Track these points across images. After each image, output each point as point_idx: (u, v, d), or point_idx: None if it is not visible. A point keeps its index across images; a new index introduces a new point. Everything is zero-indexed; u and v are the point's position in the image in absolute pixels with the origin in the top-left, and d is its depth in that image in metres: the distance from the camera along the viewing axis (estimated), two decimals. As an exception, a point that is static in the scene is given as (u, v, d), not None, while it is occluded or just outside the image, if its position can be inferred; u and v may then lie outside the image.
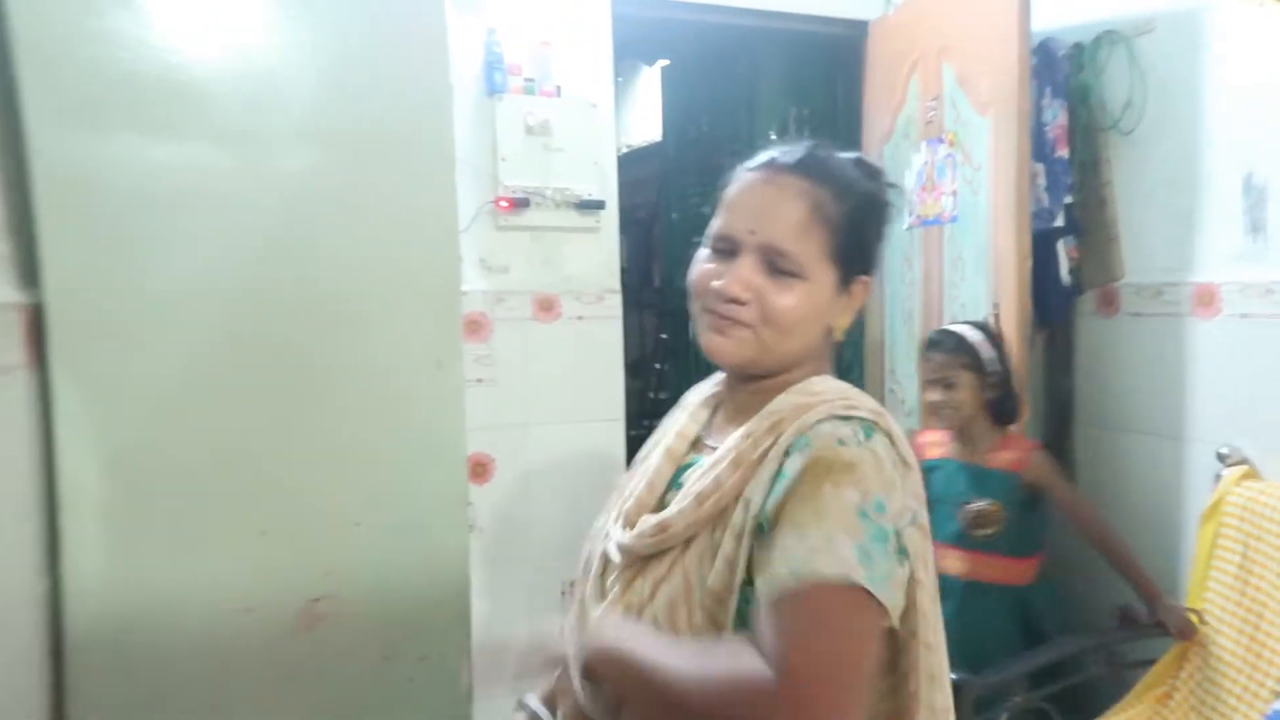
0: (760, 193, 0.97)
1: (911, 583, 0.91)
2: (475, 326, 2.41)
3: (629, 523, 1.00)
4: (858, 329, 3.10)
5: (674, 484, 1.02)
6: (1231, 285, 2.04)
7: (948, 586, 1.83)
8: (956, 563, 2.09)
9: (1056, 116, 2.36)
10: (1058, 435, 2.57)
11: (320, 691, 1.54)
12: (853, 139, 3.08)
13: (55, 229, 1.36)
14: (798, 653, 0.78)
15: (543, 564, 2.55)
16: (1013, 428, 2.16)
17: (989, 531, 2.08)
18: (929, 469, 2.12)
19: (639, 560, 0.97)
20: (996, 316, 2.35)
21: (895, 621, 0.87)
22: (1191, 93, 2.13)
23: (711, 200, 1.03)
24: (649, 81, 4.63)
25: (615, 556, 0.99)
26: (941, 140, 2.63)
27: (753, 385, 1.01)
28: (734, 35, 2.94)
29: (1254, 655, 1.82)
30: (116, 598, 1.40)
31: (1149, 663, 2.03)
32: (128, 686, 1.41)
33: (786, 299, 0.95)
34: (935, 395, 2.12)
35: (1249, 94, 1.99)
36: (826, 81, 3.13)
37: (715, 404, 1.09)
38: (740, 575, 0.87)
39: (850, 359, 3.16)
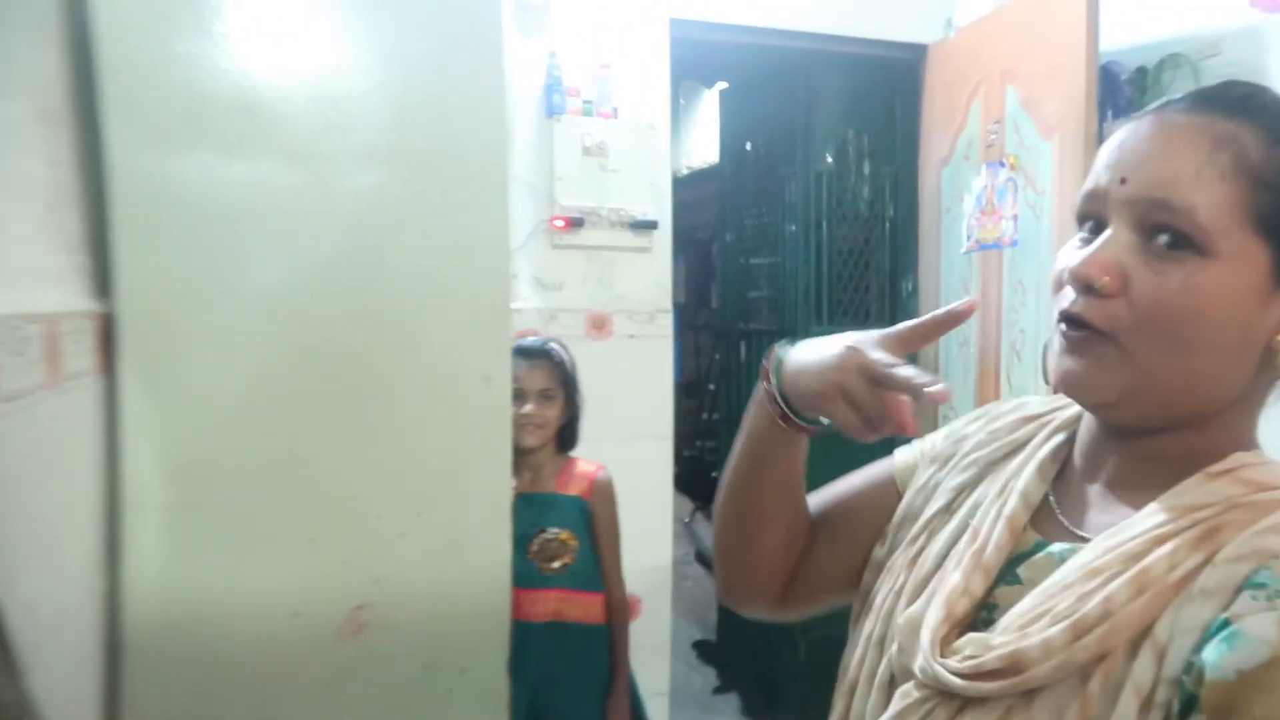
0: (1145, 136, 0.64)
1: None
2: (529, 344, 2.45)
3: (952, 628, 0.68)
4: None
5: (1006, 576, 0.69)
6: None
7: (526, 631, 1.78)
8: (533, 604, 1.89)
9: (1120, 141, 2.32)
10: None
11: (362, 698, 1.56)
12: (910, 162, 3.06)
13: (130, 242, 1.41)
14: None
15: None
16: (573, 453, 2.06)
17: (561, 563, 1.93)
18: None
19: (956, 698, 0.64)
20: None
21: None
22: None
23: (765, 222, 0.92)
24: (710, 104, 4.65)
25: (917, 673, 0.67)
26: (1003, 164, 2.60)
27: (1140, 448, 0.67)
28: (792, 58, 2.95)
29: None
30: (173, 600, 1.44)
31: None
32: (179, 688, 1.45)
33: (1173, 282, 0.60)
34: (532, 408, 1.92)
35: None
36: (884, 104, 3.12)
37: (1067, 454, 0.74)
38: None
39: (905, 383, 3.12)
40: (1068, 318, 0.65)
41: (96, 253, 1.43)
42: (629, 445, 2.56)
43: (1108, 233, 0.64)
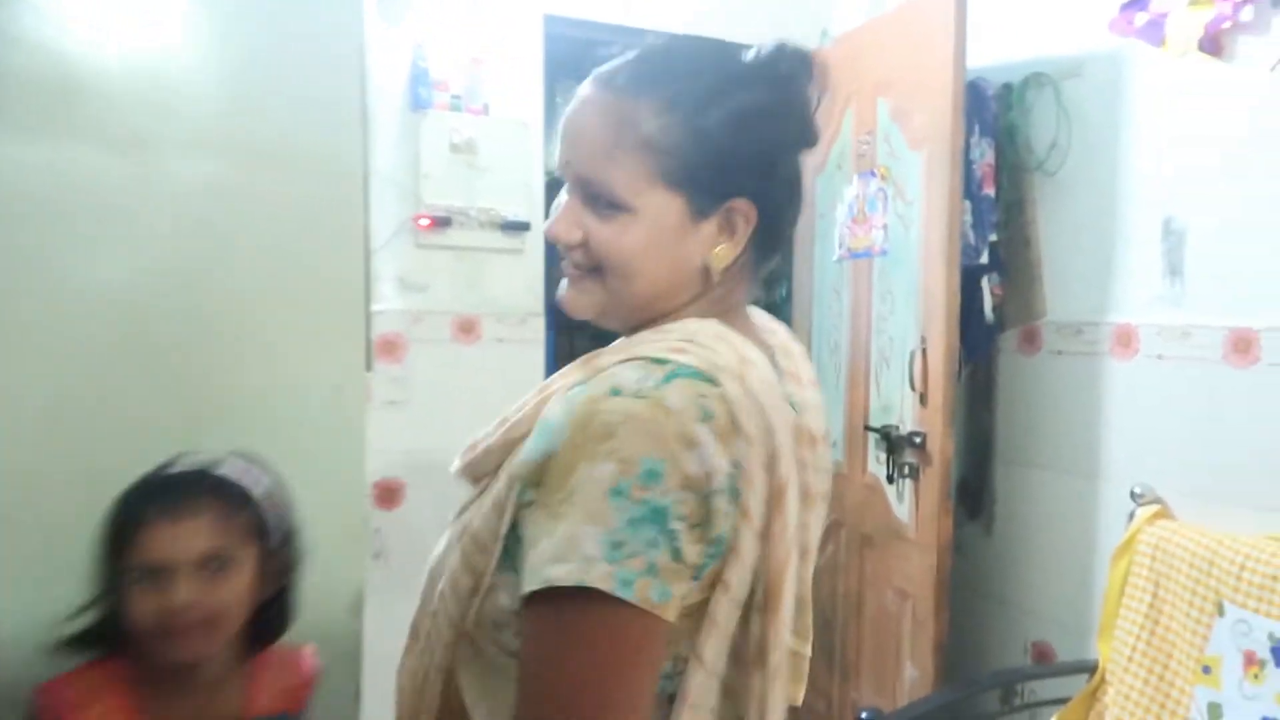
0: (573, 114, 0.84)
1: (716, 582, 0.75)
2: (390, 347, 2.33)
3: None
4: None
5: None
6: (1149, 327, 2.05)
7: None
8: None
9: (984, 155, 2.37)
10: (978, 471, 2.58)
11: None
12: (786, 169, 3.07)
13: None
14: (532, 681, 0.71)
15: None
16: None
17: None
18: None
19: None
20: (924, 351, 2.35)
21: (672, 617, 0.71)
22: (1114, 137, 2.15)
23: None
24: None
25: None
26: (874, 174, 2.63)
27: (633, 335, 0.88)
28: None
29: (1162, 695, 1.82)
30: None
31: (1061, 701, 2.03)
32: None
33: (606, 234, 0.81)
34: (187, 593, 1.13)
35: (1169, 141, 2.02)
36: (761, 111, 3.12)
37: None
38: (506, 524, 0.76)
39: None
40: (566, 261, 0.86)
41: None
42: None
43: (564, 199, 0.85)
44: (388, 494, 2.34)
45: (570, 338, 6.51)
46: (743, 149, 0.81)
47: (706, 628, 0.76)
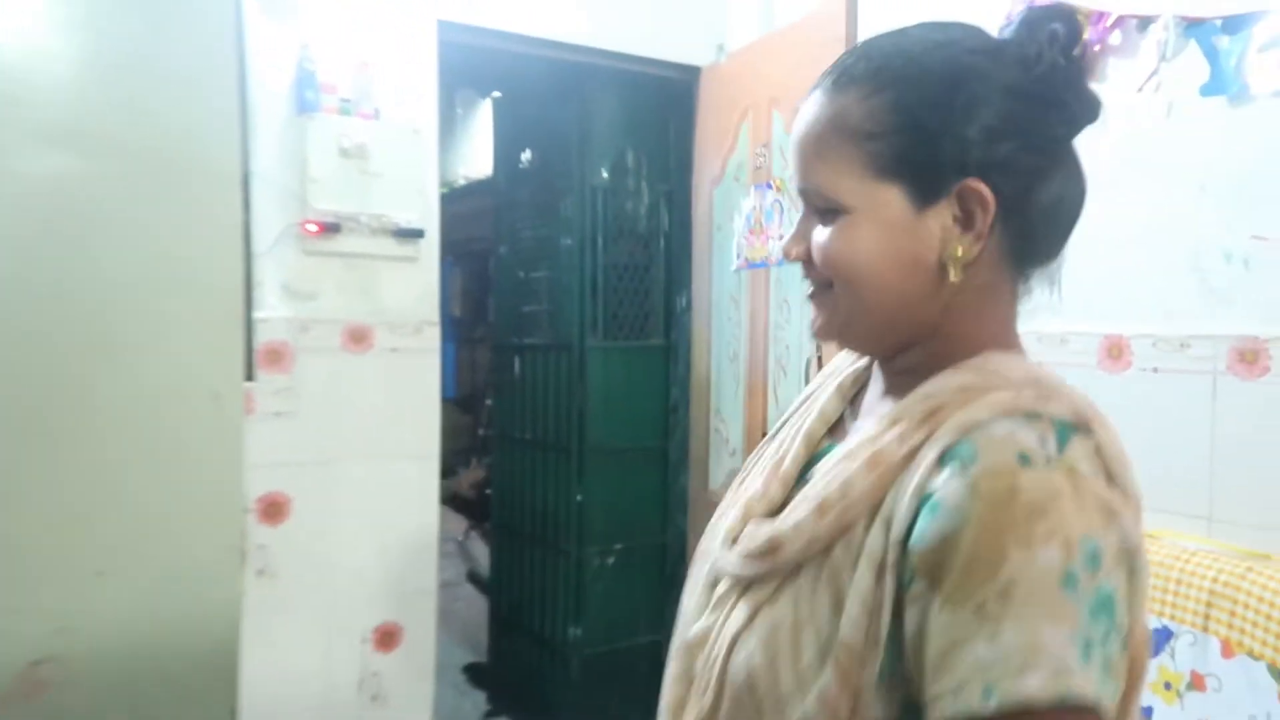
0: (795, 129, 0.77)
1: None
2: (275, 356, 2.25)
3: (747, 520, 0.79)
4: (684, 366, 3.10)
5: (804, 478, 0.78)
6: (1030, 334, 2.12)
7: None
8: None
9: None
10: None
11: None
12: (684, 180, 3.09)
13: None
14: None
15: (345, 609, 2.39)
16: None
17: None
18: None
19: (744, 581, 0.76)
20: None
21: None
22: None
23: (541, 235, 0.88)
24: (486, 114, 4.56)
25: (720, 566, 0.79)
26: (770, 186, 2.67)
27: (897, 364, 0.78)
28: (567, 71, 2.91)
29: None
30: None
31: None
32: None
33: (824, 240, 0.74)
34: None
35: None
36: (659, 122, 3.14)
37: (865, 380, 0.85)
38: (886, 627, 0.64)
39: (677, 398, 3.15)
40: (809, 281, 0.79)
41: None
42: (390, 465, 2.41)
43: (797, 217, 0.79)
44: (273, 509, 2.25)
45: (472, 349, 6.45)
46: (964, 120, 0.70)
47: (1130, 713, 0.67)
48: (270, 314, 2.23)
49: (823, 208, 0.74)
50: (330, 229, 2.28)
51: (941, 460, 0.65)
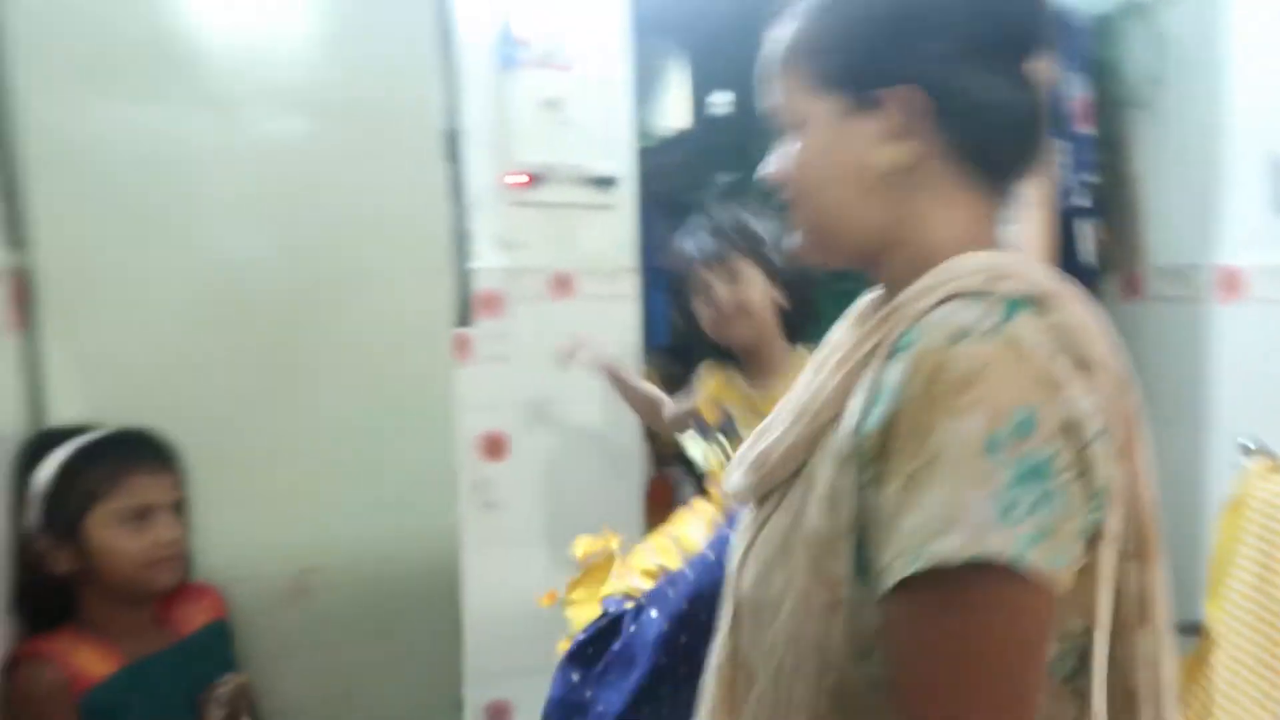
0: (763, 54, 0.83)
1: (1098, 537, 0.65)
2: (492, 303, 2.42)
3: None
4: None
5: None
6: (1256, 269, 1.97)
7: None
8: None
9: (1077, 91, 2.30)
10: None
11: (314, 662, 1.55)
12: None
13: (43, 192, 1.37)
14: (922, 690, 0.61)
15: (564, 540, 2.55)
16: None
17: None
18: None
19: (754, 502, 0.82)
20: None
21: (1065, 586, 0.63)
22: (1214, 67, 2.06)
23: (741, 181, 0.96)
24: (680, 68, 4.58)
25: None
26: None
27: (876, 276, 0.81)
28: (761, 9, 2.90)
29: (1272, 658, 1.75)
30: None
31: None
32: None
33: (781, 159, 0.79)
34: (167, 530, 1.40)
35: (1274, 70, 1.92)
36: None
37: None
38: (849, 516, 0.67)
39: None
40: None
41: (9, 204, 1.37)
42: (595, 407, 2.54)
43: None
44: (494, 446, 2.43)
45: (680, 299, 6.43)
46: (900, 29, 0.72)
47: (1098, 587, 0.67)
48: (485, 264, 2.41)
49: (785, 127, 0.79)
50: (534, 180, 2.42)
51: (891, 353, 0.68)
